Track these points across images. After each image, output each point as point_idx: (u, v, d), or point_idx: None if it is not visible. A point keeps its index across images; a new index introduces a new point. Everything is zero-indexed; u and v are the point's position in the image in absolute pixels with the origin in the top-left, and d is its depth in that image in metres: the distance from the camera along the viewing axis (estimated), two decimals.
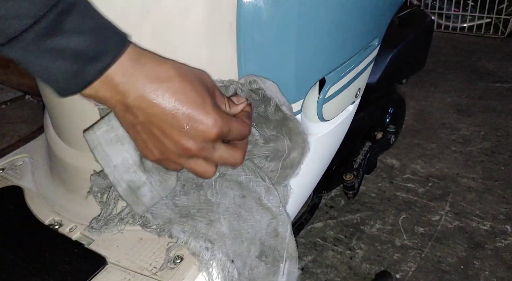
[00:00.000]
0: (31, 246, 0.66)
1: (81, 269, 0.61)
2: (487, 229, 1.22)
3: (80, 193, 0.71)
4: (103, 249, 0.64)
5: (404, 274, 1.09)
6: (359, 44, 0.74)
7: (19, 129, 1.80)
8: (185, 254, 0.60)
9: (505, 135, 1.67)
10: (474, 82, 2.12)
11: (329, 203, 1.36)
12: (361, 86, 0.81)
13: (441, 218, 1.27)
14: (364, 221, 1.27)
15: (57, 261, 0.62)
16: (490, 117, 1.79)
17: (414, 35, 0.98)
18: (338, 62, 0.70)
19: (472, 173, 1.47)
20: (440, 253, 1.15)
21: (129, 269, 0.60)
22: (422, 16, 1.05)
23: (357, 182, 0.99)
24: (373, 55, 0.81)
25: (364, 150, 1.00)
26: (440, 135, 1.69)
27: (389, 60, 0.92)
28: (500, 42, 2.62)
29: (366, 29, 0.75)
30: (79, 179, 0.71)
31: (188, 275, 0.58)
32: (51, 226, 0.69)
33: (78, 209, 0.70)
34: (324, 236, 1.23)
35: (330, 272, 1.11)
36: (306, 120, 0.72)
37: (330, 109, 0.73)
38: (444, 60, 2.39)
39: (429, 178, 1.46)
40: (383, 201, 1.35)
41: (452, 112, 1.85)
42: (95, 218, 0.64)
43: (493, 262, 1.11)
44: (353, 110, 0.82)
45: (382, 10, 0.79)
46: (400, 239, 1.20)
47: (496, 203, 1.32)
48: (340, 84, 0.72)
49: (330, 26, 0.64)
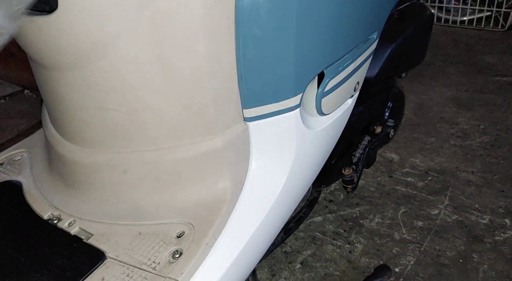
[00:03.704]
0: (30, 240, 0.66)
1: (80, 263, 0.61)
2: (486, 223, 1.22)
3: (78, 188, 0.71)
4: (102, 243, 0.64)
5: (403, 268, 1.10)
6: (358, 38, 0.74)
7: (18, 124, 1.80)
8: (184, 249, 0.60)
9: (505, 129, 1.66)
10: (473, 76, 2.11)
11: (328, 197, 1.36)
12: (360, 80, 0.81)
13: (440, 211, 1.28)
14: (363, 215, 1.27)
15: (56, 256, 0.62)
16: (489, 111, 1.79)
17: (413, 29, 0.97)
18: (337, 56, 0.70)
19: (471, 166, 1.47)
20: (439, 247, 1.15)
21: (128, 264, 0.60)
22: (421, 9, 1.05)
23: (356, 176, 0.99)
24: (372, 48, 0.81)
25: (363, 144, 1.00)
26: (439, 129, 1.69)
27: (388, 54, 0.91)
28: (500, 35, 2.61)
29: (365, 22, 0.74)
30: (77, 173, 0.71)
31: (187, 269, 0.58)
32: (50, 221, 0.69)
33: (77, 203, 0.71)
34: (323, 230, 1.23)
35: (329, 266, 1.11)
36: (305, 114, 0.72)
37: (329, 103, 0.73)
38: (444, 54, 2.38)
39: (428, 172, 1.45)
40: (382, 195, 1.35)
41: (452, 106, 1.85)
42: None
43: (492, 255, 1.12)
44: (352, 104, 0.82)
45: (381, 3, 0.78)
46: (399, 233, 1.20)
47: (495, 196, 1.32)
48: (339, 78, 0.72)
49: (329, 20, 0.64)
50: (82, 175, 0.71)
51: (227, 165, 0.67)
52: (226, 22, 0.57)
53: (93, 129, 0.67)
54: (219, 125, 0.65)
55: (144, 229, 0.65)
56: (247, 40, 0.58)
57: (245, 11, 0.56)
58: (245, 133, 0.66)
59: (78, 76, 0.62)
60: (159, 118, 0.64)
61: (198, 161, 0.66)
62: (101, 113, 0.64)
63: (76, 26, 0.55)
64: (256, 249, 0.68)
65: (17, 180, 0.77)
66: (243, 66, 0.60)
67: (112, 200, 0.69)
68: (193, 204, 0.67)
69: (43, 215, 0.69)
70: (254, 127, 0.66)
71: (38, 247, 0.64)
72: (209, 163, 0.66)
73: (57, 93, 0.67)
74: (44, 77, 0.67)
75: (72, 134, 0.71)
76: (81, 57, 0.59)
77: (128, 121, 0.64)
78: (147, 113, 0.63)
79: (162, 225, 0.66)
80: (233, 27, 0.57)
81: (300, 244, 1.18)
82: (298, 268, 1.11)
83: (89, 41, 0.57)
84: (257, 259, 0.71)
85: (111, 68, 0.59)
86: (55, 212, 0.70)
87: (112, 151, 0.68)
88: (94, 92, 0.63)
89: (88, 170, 0.70)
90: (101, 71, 0.59)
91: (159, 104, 0.62)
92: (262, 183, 0.68)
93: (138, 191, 0.68)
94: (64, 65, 0.61)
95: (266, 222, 0.67)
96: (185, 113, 0.63)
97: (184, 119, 0.64)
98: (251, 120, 0.66)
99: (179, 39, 0.57)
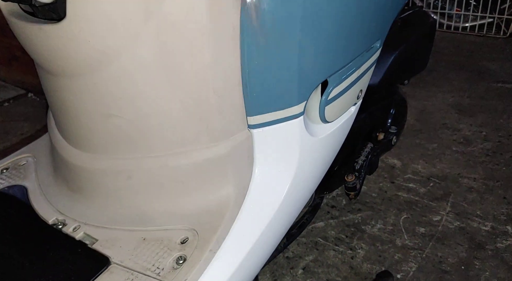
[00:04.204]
0: (35, 245, 0.66)
1: (85, 268, 0.61)
2: (488, 230, 1.23)
3: (83, 193, 0.71)
4: (106, 249, 0.64)
5: (405, 274, 1.10)
6: (362, 46, 0.75)
7: (22, 127, 1.80)
8: (188, 255, 0.61)
9: (507, 135, 1.67)
10: (475, 82, 2.11)
11: (331, 202, 1.36)
12: (363, 88, 0.81)
13: (442, 218, 1.28)
14: (365, 221, 1.27)
15: (61, 261, 0.63)
16: (491, 117, 1.79)
17: (416, 37, 0.98)
18: (340, 64, 0.70)
19: (473, 173, 1.47)
20: (441, 253, 1.15)
21: (132, 269, 0.61)
22: (424, 17, 1.05)
23: (359, 183, 0.99)
24: (375, 57, 0.81)
25: (366, 151, 1.00)
26: (441, 135, 1.69)
27: (391, 62, 0.92)
28: (502, 42, 2.61)
29: (368, 31, 0.75)
30: (82, 178, 0.71)
31: (191, 275, 0.58)
32: (55, 226, 0.69)
33: (82, 208, 0.71)
34: (326, 235, 1.23)
35: (331, 272, 1.11)
36: (308, 121, 0.73)
37: (332, 110, 0.73)
38: (446, 60, 2.38)
39: (430, 178, 1.46)
40: (384, 201, 1.35)
41: (454, 113, 1.85)
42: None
43: (494, 262, 1.12)
44: (355, 112, 0.82)
45: (385, 12, 0.79)
46: (401, 239, 1.21)
47: (497, 203, 1.32)
48: (343, 86, 0.72)
49: (332, 29, 0.64)
50: (87, 180, 0.71)
51: (231, 171, 0.67)
52: (231, 31, 0.57)
53: (98, 136, 0.68)
54: (223, 132, 0.65)
55: (148, 235, 0.66)
56: (251, 48, 0.58)
57: (250, 20, 0.56)
58: (249, 140, 0.67)
59: (84, 83, 0.62)
60: (164, 125, 0.64)
61: (202, 167, 0.67)
62: (106, 120, 0.65)
63: (83, 34, 0.56)
64: (259, 255, 0.69)
65: (22, 184, 0.77)
66: (247, 74, 0.60)
67: (116, 206, 0.70)
68: (197, 210, 0.67)
69: (48, 220, 0.70)
70: (258, 135, 0.67)
71: (43, 252, 0.65)
72: (213, 169, 0.67)
73: (63, 99, 0.68)
74: (51, 84, 0.68)
75: (77, 140, 0.71)
76: (88, 65, 0.59)
77: (133, 127, 0.65)
78: (152, 120, 0.64)
79: (166, 231, 0.66)
80: (237, 36, 0.58)
81: (302, 249, 1.18)
82: (300, 274, 1.11)
83: (96, 49, 0.57)
84: (260, 265, 0.71)
85: (117, 76, 0.60)
86: (60, 217, 0.70)
87: (117, 157, 0.69)
88: (100, 99, 0.63)
89: (93, 176, 0.71)
90: (107, 78, 0.60)
91: (164, 111, 0.63)
92: (266, 190, 0.68)
93: (143, 196, 0.69)
94: (70, 72, 0.62)
95: (269, 228, 0.67)
96: (189, 120, 0.64)
97: (188, 126, 0.64)
98: (255, 128, 0.66)
99: (185, 47, 0.57)
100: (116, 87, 0.61)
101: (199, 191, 0.67)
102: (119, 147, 0.67)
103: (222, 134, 0.65)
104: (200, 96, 0.62)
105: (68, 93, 0.66)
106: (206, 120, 0.64)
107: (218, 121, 0.64)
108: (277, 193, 0.69)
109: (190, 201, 0.67)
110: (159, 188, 0.68)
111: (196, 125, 0.64)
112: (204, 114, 0.63)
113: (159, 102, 0.62)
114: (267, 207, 0.67)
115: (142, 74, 0.59)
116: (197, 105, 0.62)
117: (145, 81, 0.60)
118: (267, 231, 0.67)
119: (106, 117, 0.64)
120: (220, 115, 0.64)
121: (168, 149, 0.66)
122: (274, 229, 0.69)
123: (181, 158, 0.66)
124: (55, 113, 0.75)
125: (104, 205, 0.70)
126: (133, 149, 0.67)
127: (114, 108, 0.63)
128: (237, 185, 0.67)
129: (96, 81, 0.61)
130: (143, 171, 0.68)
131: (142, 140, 0.66)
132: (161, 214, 0.68)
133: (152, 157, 0.67)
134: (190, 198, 0.67)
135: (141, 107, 0.62)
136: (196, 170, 0.67)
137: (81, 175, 0.71)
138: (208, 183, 0.67)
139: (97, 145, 0.69)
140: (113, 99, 0.62)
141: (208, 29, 0.56)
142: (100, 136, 0.68)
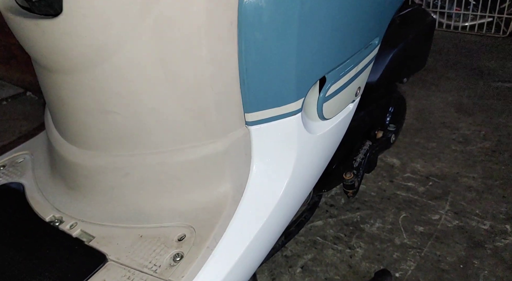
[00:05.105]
0: (32, 243, 0.66)
1: (82, 266, 0.61)
2: (487, 229, 1.22)
3: (80, 190, 0.71)
4: (103, 246, 0.64)
5: (403, 273, 1.10)
6: (360, 43, 0.74)
7: (20, 125, 1.80)
8: (185, 252, 0.61)
9: (506, 135, 1.66)
10: (475, 81, 2.11)
11: (329, 201, 1.36)
12: (361, 85, 0.81)
13: (441, 217, 1.28)
14: (364, 220, 1.27)
15: (58, 258, 0.62)
16: (490, 116, 1.79)
17: (415, 35, 0.98)
18: (338, 61, 0.70)
19: (472, 172, 1.47)
20: (439, 252, 1.15)
21: (129, 267, 0.60)
22: (423, 15, 1.05)
23: (357, 181, 0.99)
24: (374, 54, 0.81)
25: (364, 149, 1.00)
26: (440, 134, 1.69)
27: (390, 59, 0.92)
28: (501, 41, 2.61)
29: (366, 28, 0.75)
30: (79, 176, 0.71)
31: (188, 273, 0.58)
32: (52, 223, 0.69)
33: (79, 206, 0.71)
34: (324, 234, 1.23)
35: (329, 271, 1.11)
36: (306, 118, 0.72)
37: (330, 107, 0.73)
38: (445, 59, 2.38)
39: (429, 177, 1.46)
40: (383, 200, 1.35)
41: (453, 112, 1.85)
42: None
43: (492, 261, 1.12)
44: (353, 109, 0.82)
45: (383, 9, 0.79)
46: (400, 238, 1.20)
47: (496, 202, 1.32)
48: (341, 83, 0.72)
49: (331, 25, 0.64)
50: (84, 178, 0.71)
51: (229, 168, 0.67)
52: (228, 27, 0.57)
53: (96, 132, 0.68)
54: (221, 129, 0.65)
55: (146, 232, 0.65)
56: (249, 45, 0.58)
57: (248, 16, 0.56)
58: (246, 137, 0.67)
59: (81, 80, 0.62)
60: (161, 122, 0.64)
61: (199, 164, 0.67)
62: (103, 117, 0.65)
63: (80, 30, 0.56)
64: (257, 252, 0.68)
65: (19, 182, 0.77)
66: (245, 71, 0.60)
67: (113, 203, 0.70)
68: (195, 207, 0.67)
69: (45, 217, 0.70)
70: (256, 132, 0.66)
71: (40, 249, 0.64)
72: (210, 166, 0.67)
73: (60, 96, 0.67)
74: (48, 80, 0.68)
75: (74, 136, 0.71)
76: (85, 61, 0.59)
77: (130, 124, 0.64)
78: (149, 116, 0.63)
79: (163, 228, 0.66)
80: (235, 32, 0.57)
81: (301, 248, 1.18)
82: (299, 272, 1.11)
83: (93, 45, 0.57)
84: (258, 262, 0.71)
85: (114, 72, 0.59)
86: (57, 214, 0.70)
87: (114, 154, 0.68)
88: (97, 96, 0.63)
89: (90, 173, 0.70)
90: (104, 74, 0.60)
91: (161, 108, 0.63)
92: (263, 187, 0.68)
93: (140, 194, 0.69)
94: (67, 69, 0.62)
95: (266, 225, 0.67)
96: (187, 117, 0.64)
97: (186, 123, 0.64)
98: (253, 124, 0.66)
99: (182, 43, 0.57)
100: (113, 83, 0.61)
101: (196, 188, 0.67)
102: (116, 144, 0.67)
103: (219, 131, 0.65)
104: (198, 93, 0.61)
105: (65, 89, 0.65)
106: (204, 117, 0.64)
107: (216, 118, 0.64)
108: (274, 190, 0.68)
109: (187, 198, 0.67)
110: (156, 185, 0.67)
111: (193, 122, 0.64)
112: (201, 111, 0.63)
113: (156, 98, 0.62)
114: (264, 204, 0.67)
115: (139, 70, 0.59)
116: (194, 102, 0.62)
117: (142, 78, 0.60)
118: (265, 229, 0.67)
119: (103, 113, 0.64)
120: (217, 112, 0.63)
121: (165, 146, 0.66)
122: (271, 226, 0.69)
123: (178, 154, 0.66)
124: (52, 110, 0.75)
125: (101, 202, 0.70)
126: (130, 145, 0.67)
127: (110, 104, 0.63)
128: (235, 182, 0.67)
129: (92, 77, 0.61)
130: (140, 168, 0.67)
131: (139, 137, 0.65)
132: (158, 211, 0.67)
133: (149, 154, 0.67)
134: (188, 195, 0.67)
135: (138, 103, 0.62)
136: (193, 167, 0.66)
137: (78, 172, 0.71)
138: (205, 180, 0.67)
139: (94, 142, 0.69)
140: (110, 96, 0.62)
141: (206, 25, 0.56)
142: (97, 133, 0.68)
